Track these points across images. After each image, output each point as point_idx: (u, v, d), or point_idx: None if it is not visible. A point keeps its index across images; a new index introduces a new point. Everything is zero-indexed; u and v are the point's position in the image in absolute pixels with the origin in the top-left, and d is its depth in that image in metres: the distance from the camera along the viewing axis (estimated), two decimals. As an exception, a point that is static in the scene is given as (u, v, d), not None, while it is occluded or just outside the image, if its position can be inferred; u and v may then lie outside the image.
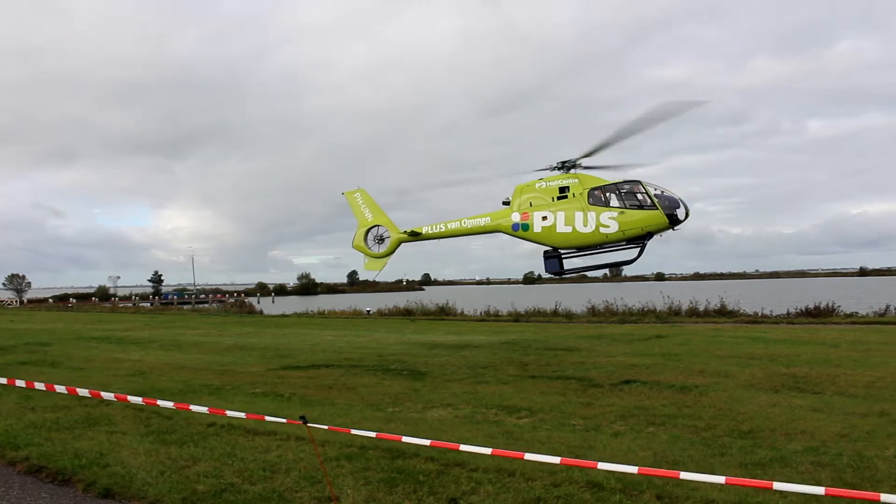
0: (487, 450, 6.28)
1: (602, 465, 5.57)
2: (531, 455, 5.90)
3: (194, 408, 8.07)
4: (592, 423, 10.83)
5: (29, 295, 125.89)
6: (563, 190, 17.46)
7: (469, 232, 18.69)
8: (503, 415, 11.72)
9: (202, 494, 7.39)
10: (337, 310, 54.81)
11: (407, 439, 6.78)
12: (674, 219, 16.70)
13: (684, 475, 5.25)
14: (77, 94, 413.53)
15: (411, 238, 19.20)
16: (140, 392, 12.85)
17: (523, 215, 17.85)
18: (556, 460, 5.78)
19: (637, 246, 17.21)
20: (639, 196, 16.85)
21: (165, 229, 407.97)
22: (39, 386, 9.41)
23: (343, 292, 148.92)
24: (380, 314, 49.66)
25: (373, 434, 7.03)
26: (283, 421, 7.47)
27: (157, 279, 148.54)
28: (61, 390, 9.04)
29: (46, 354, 22.88)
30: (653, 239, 17.17)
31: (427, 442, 6.71)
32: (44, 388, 9.33)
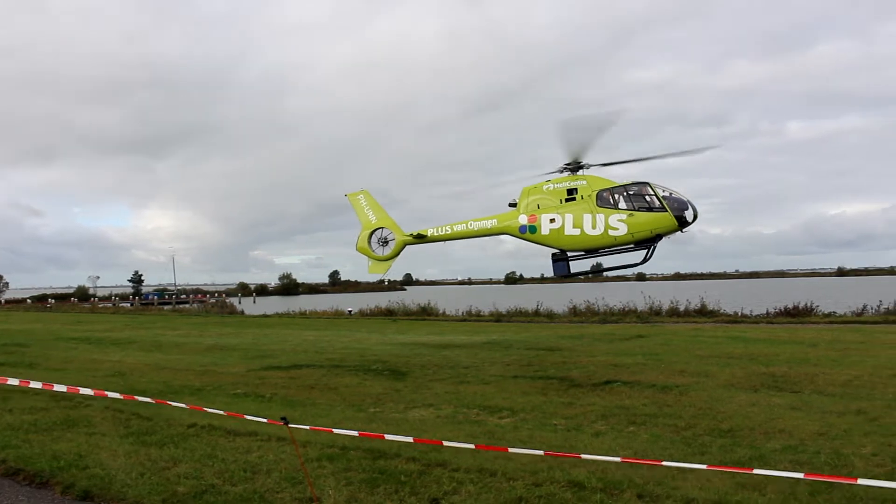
0: (470, 445, 6.31)
1: (586, 456, 5.61)
2: (515, 448, 5.92)
3: (174, 404, 8.00)
4: (574, 423, 10.90)
5: (6, 295, 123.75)
6: (571, 192, 17.31)
7: (475, 234, 18.46)
8: (485, 415, 11.75)
9: (182, 496, 7.33)
10: (318, 310, 54.57)
11: (390, 437, 6.78)
12: (682, 221, 16.62)
13: (667, 463, 5.30)
14: (57, 92, 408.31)
15: (416, 241, 18.95)
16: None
17: (531, 217, 17.65)
18: (540, 452, 5.81)
19: (645, 248, 17.10)
20: (647, 198, 16.76)
21: (146, 229, 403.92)
22: (13, 381, 9.26)
23: (325, 292, 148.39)
24: (361, 314, 49.54)
25: (355, 433, 7.02)
26: (265, 421, 7.44)
27: (138, 279, 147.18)
28: (36, 385, 8.91)
29: (24, 356, 22.56)
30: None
31: (410, 439, 6.71)
32: (17, 384, 9.18)
